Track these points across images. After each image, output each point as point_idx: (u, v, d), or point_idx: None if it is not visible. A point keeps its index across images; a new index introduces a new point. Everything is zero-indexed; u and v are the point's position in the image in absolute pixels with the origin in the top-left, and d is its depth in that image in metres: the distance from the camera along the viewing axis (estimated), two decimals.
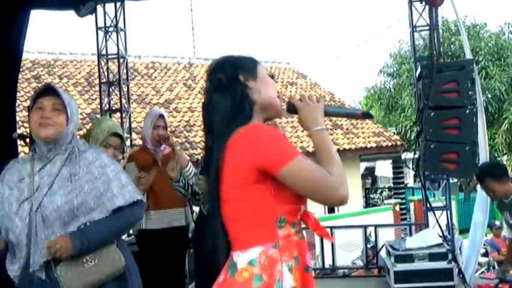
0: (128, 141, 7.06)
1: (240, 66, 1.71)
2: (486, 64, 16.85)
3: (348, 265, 7.37)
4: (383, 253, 6.28)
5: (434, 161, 5.47)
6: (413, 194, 15.69)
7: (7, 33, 4.99)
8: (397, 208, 14.39)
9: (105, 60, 6.97)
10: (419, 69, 5.79)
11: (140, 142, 5.05)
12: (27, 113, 6.38)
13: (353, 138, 14.34)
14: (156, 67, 15.46)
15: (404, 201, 15.29)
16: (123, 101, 6.97)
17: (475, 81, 5.34)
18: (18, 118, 5.45)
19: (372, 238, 7.25)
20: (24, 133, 4.77)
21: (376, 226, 6.99)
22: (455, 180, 14.80)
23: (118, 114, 7.17)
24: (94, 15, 6.71)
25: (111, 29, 6.88)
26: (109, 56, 6.95)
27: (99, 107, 7.32)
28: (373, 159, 18.21)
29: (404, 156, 12.88)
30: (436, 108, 5.39)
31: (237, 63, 1.73)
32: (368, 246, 7.04)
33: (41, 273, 2.24)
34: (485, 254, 10.13)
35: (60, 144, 2.34)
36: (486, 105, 16.40)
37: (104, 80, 7.01)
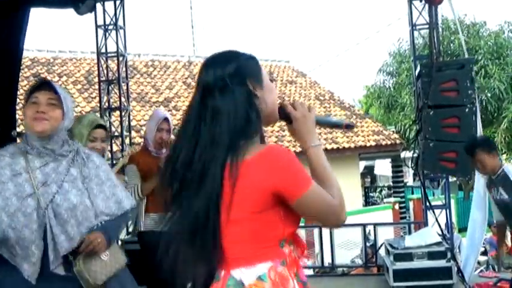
0: (127, 139, 7.07)
1: (248, 72, 1.59)
2: (485, 63, 16.83)
3: (347, 263, 7.37)
4: (382, 252, 6.29)
5: (433, 160, 5.48)
6: (412, 193, 15.68)
7: (7, 32, 4.98)
8: (397, 207, 14.40)
9: (104, 58, 6.97)
10: (418, 67, 5.80)
11: (139, 140, 5.06)
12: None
13: (352, 136, 14.34)
14: (156, 65, 15.45)
15: (403, 199, 15.30)
16: (122, 99, 6.97)
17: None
18: (17, 116, 5.44)
19: (371, 237, 7.26)
20: (23, 131, 4.77)
21: (375, 225, 7.00)
22: (454, 179, 14.79)
23: (117, 112, 7.18)
24: (93, 13, 6.71)
25: (110, 27, 6.88)
26: (108, 54, 6.95)
27: (98, 105, 7.33)
28: (372, 157, 18.21)
29: (403, 155, 12.85)
30: (436, 107, 5.40)
31: (244, 67, 1.59)
32: (367, 244, 7.04)
33: (60, 269, 2.23)
34: (484, 253, 10.13)
35: (54, 139, 2.30)
36: (485, 104, 16.41)
37: (104, 78, 7.01)
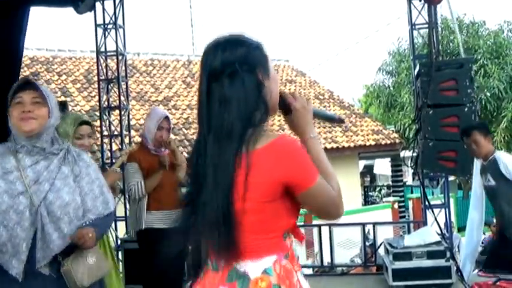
0: (127, 138, 7.06)
1: (257, 60, 1.57)
2: (485, 62, 16.85)
3: (347, 263, 7.38)
4: (381, 251, 6.29)
5: (432, 159, 5.48)
6: (411, 192, 15.68)
7: (7, 31, 4.98)
8: (396, 206, 14.39)
9: (104, 57, 6.96)
10: (418, 67, 5.80)
11: (139, 139, 5.05)
12: None
13: (352, 136, 14.34)
14: (155, 64, 15.45)
15: (402, 199, 15.29)
16: (121, 98, 6.97)
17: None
18: None
19: (371, 236, 7.26)
20: None
21: (374, 224, 7.01)
22: (453, 178, 14.80)
23: (117, 111, 7.17)
24: (93, 12, 6.71)
25: (110, 26, 6.87)
26: (108, 53, 6.94)
27: (97, 104, 7.32)
28: (372, 157, 18.22)
29: (403, 154, 12.83)
30: (435, 106, 5.40)
31: (254, 55, 1.57)
32: (366, 244, 7.05)
33: (45, 268, 2.23)
34: (483, 252, 10.13)
35: (42, 137, 2.30)
36: (485, 103, 16.43)
37: (103, 77, 7.01)
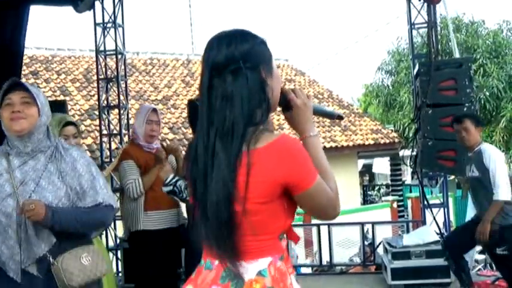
0: (126, 137, 7.07)
1: (261, 57, 1.54)
2: (484, 62, 16.85)
3: (345, 262, 7.39)
4: (380, 250, 6.30)
5: (431, 158, 5.49)
6: (410, 191, 15.64)
7: (8, 30, 4.98)
8: (395, 205, 14.38)
9: (103, 56, 6.96)
10: (417, 66, 5.80)
11: None
12: None
13: (351, 135, 14.35)
14: (154, 63, 15.44)
15: (401, 198, 15.29)
16: (121, 98, 6.97)
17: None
18: None
19: (370, 235, 7.27)
20: None
21: (373, 223, 7.01)
22: (452, 177, 14.82)
23: (116, 110, 7.18)
24: (92, 11, 6.71)
25: (109, 25, 6.87)
26: (107, 52, 6.94)
27: (97, 103, 7.31)
28: (371, 156, 18.22)
29: (402, 153, 12.85)
30: (434, 105, 5.41)
31: (258, 52, 1.54)
32: (365, 243, 7.06)
33: (32, 269, 2.25)
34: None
35: (34, 136, 2.33)
36: (484, 103, 16.44)
37: (102, 76, 7.01)
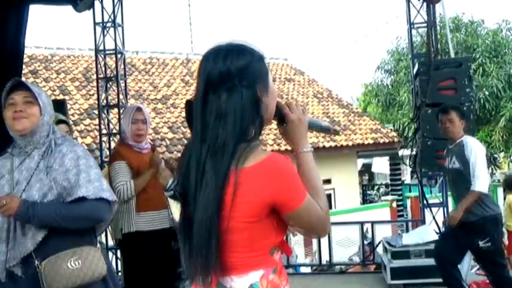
0: None
1: (258, 75, 1.53)
2: (483, 61, 16.87)
3: (345, 261, 7.41)
4: (380, 249, 6.31)
5: (431, 158, 5.49)
6: (410, 191, 15.69)
7: (8, 29, 4.98)
8: (394, 205, 14.40)
9: (102, 55, 6.96)
10: (416, 66, 5.81)
11: None
12: None
13: (350, 134, 14.34)
14: (154, 63, 15.44)
15: (401, 197, 15.31)
16: (120, 97, 6.97)
17: None
18: None
19: (369, 234, 7.28)
20: None
21: (373, 223, 7.02)
22: None
23: (115, 109, 7.17)
24: (92, 10, 6.70)
25: (108, 25, 6.87)
26: (107, 52, 6.94)
27: (96, 103, 7.31)
28: (370, 155, 18.23)
29: (401, 153, 12.87)
30: (434, 105, 5.41)
31: (255, 69, 1.53)
32: (365, 242, 7.07)
33: (17, 269, 2.26)
34: None
35: (37, 136, 2.36)
36: (483, 102, 16.45)
37: (102, 76, 7.01)
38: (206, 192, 1.46)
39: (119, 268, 6.26)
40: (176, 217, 3.82)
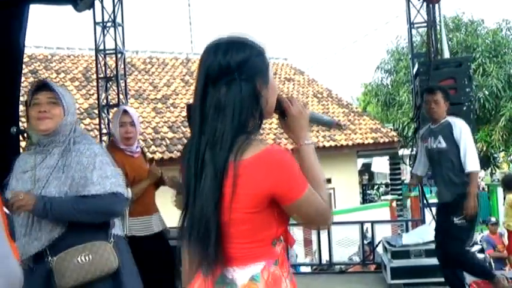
0: None
1: (258, 69, 1.53)
2: (483, 61, 16.87)
3: (345, 261, 7.40)
4: (380, 249, 6.31)
5: None
6: (410, 190, 15.71)
7: (8, 29, 4.98)
8: (394, 204, 14.42)
9: (102, 55, 6.97)
10: (416, 66, 5.81)
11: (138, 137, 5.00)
12: (24, 108, 6.38)
13: (350, 134, 14.35)
14: (154, 62, 15.44)
15: (401, 197, 15.32)
16: (120, 97, 6.98)
17: None
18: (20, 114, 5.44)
19: (369, 234, 7.28)
20: (22, 127, 4.78)
21: (372, 222, 7.02)
22: None
23: (115, 109, 7.17)
24: (92, 10, 6.71)
25: (108, 24, 6.87)
26: (107, 51, 6.94)
27: (96, 102, 7.32)
28: (370, 155, 18.24)
29: (401, 152, 12.88)
30: None
31: (255, 63, 1.53)
32: (365, 242, 7.07)
33: (30, 262, 2.33)
34: (481, 251, 10.16)
35: (59, 135, 2.43)
36: (483, 102, 16.45)
37: (102, 75, 7.01)
38: (205, 184, 1.47)
39: None
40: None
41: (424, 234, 5.55)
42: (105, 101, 7.05)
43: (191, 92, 13.89)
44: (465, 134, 4.22)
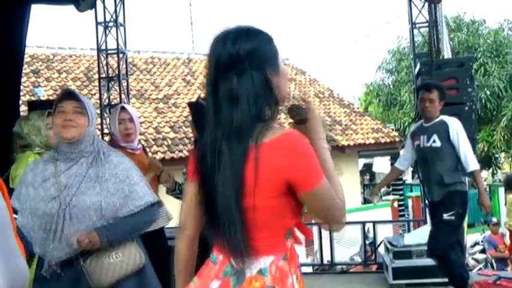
0: None
1: (267, 57, 1.53)
2: (485, 61, 16.87)
3: (346, 261, 7.40)
4: (381, 249, 6.30)
5: None
6: (411, 191, 15.70)
7: (10, 28, 4.99)
8: (396, 204, 14.41)
9: (104, 55, 6.97)
10: (418, 65, 5.80)
11: (139, 137, 5.00)
12: (26, 108, 6.39)
13: (352, 134, 14.35)
14: (155, 62, 15.44)
15: (402, 197, 15.31)
16: (122, 96, 6.99)
17: None
18: (21, 113, 5.44)
19: (371, 234, 7.28)
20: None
21: (374, 222, 7.01)
22: None
23: None
24: (94, 10, 6.72)
25: (110, 24, 6.88)
26: (108, 51, 6.96)
27: (98, 102, 7.33)
28: (371, 155, 18.23)
29: (402, 152, 12.90)
30: None
31: (264, 51, 1.53)
32: (366, 242, 7.06)
33: (57, 267, 2.36)
34: (482, 251, 10.16)
35: (82, 144, 2.46)
36: (485, 102, 16.45)
37: (103, 75, 7.02)
38: (227, 172, 1.47)
39: None
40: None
41: (426, 234, 5.53)
42: (107, 101, 7.06)
43: (193, 92, 13.91)
44: (461, 134, 4.23)
